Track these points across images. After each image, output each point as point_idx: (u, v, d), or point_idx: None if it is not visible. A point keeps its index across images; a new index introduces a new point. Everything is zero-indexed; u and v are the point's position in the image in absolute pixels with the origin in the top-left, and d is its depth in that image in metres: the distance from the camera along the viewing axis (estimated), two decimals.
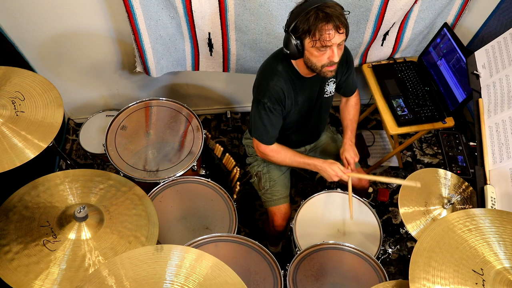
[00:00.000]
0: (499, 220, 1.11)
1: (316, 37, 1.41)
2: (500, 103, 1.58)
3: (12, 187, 1.47)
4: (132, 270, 1.04)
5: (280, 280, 1.51)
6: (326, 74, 1.52)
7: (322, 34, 1.39)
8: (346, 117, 1.94)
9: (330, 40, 1.40)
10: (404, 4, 1.95)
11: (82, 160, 2.60)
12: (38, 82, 1.58)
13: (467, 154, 1.94)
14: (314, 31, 1.40)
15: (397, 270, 2.25)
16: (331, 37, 1.40)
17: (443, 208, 1.58)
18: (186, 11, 1.89)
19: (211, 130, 2.82)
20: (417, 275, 1.00)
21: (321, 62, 1.48)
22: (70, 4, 1.94)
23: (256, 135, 1.73)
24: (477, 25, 2.28)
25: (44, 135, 1.46)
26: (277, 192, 1.90)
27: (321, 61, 1.48)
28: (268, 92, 1.60)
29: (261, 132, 1.70)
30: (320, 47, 1.43)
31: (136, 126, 2.01)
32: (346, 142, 1.85)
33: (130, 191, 1.56)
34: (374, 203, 2.44)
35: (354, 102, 1.95)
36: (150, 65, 2.11)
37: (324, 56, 1.46)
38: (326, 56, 1.46)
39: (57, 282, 1.26)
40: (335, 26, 1.38)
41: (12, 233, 1.34)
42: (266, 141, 1.72)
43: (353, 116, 1.93)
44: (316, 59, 1.48)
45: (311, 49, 1.46)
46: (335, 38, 1.40)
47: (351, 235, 1.73)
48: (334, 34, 1.39)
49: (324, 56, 1.46)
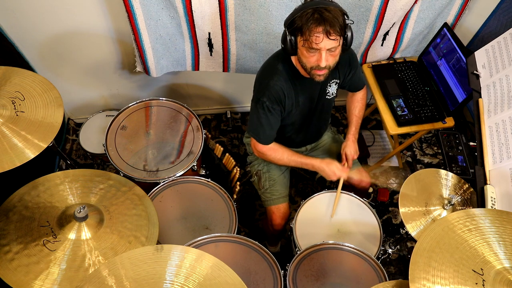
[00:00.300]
0: (499, 220, 1.11)
1: (305, 37, 1.40)
2: (500, 103, 1.58)
3: (12, 187, 1.47)
4: (132, 270, 1.04)
5: (280, 280, 1.51)
6: (315, 77, 1.51)
7: (311, 36, 1.38)
8: (352, 112, 1.95)
9: (317, 44, 1.38)
10: (404, 4, 1.95)
11: (82, 160, 2.60)
12: (38, 82, 1.58)
13: (467, 154, 1.94)
14: (305, 30, 1.39)
15: (397, 270, 2.25)
16: (319, 40, 1.38)
17: (443, 209, 1.58)
18: (186, 11, 1.89)
19: (211, 130, 2.82)
20: (417, 275, 1.00)
21: (310, 64, 1.47)
22: (70, 4, 1.94)
23: (253, 133, 1.73)
24: (477, 25, 2.28)
25: (44, 135, 1.46)
26: (277, 192, 1.90)
27: (310, 63, 1.47)
28: (268, 91, 1.60)
29: (258, 131, 1.70)
30: (309, 48, 1.42)
31: (136, 126, 2.01)
32: (350, 138, 1.86)
33: (130, 191, 1.56)
34: (374, 203, 2.43)
35: (360, 96, 1.95)
36: (150, 65, 2.11)
37: (313, 58, 1.45)
38: (314, 58, 1.44)
39: (57, 282, 1.26)
40: (325, 30, 1.36)
41: (12, 233, 1.34)
42: (263, 141, 1.72)
43: (358, 112, 1.94)
44: (306, 59, 1.47)
45: (301, 48, 1.45)
46: (323, 42, 1.38)
47: (351, 235, 1.73)
48: (322, 38, 1.37)
49: (313, 58, 1.45)
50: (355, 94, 1.96)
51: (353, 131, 1.89)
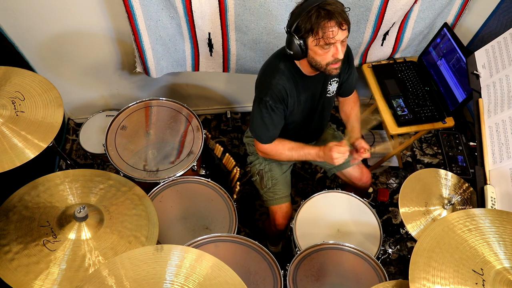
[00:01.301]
0: (499, 220, 1.11)
1: (319, 35, 1.40)
2: (500, 103, 1.58)
3: (12, 187, 1.47)
4: (132, 270, 1.04)
5: (280, 280, 1.51)
6: (331, 72, 1.52)
7: (325, 32, 1.39)
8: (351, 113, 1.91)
9: (333, 37, 1.40)
10: (404, 4, 1.95)
11: (82, 160, 2.60)
12: (38, 82, 1.58)
13: (467, 154, 1.94)
14: (317, 29, 1.39)
15: (397, 270, 2.25)
16: (335, 34, 1.40)
17: (443, 208, 1.58)
18: (186, 11, 1.89)
19: (211, 130, 2.82)
20: (417, 275, 1.00)
21: (325, 60, 1.48)
22: (70, 4, 1.94)
23: (255, 134, 1.71)
24: (477, 25, 2.28)
25: (44, 135, 1.47)
26: (279, 191, 1.90)
27: (325, 59, 1.48)
28: (270, 90, 1.59)
29: (260, 132, 1.69)
30: (324, 45, 1.42)
31: (136, 126, 2.01)
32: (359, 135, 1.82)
33: (130, 191, 1.56)
34: (374, 203, 2.44)
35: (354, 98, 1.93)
36: (150, 65, 2.11)
37: (328, 54, 1.46)
38: (330, 53, 1.46)
39: (57, 282, 1.26)
40: (338, 22, 1.38)
41: (12, 233, 1.34)
42: (264, 141, 1.71)
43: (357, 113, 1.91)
44: (320, 57, 1.48)
45: (314, 48, 1.45)
46: (338, 35, 1.40)
47: (351, 235, 1.73)
48: (337, 31, 1.39)
49: (328, 54, 1.46)
50: (347, 99, 1.93)
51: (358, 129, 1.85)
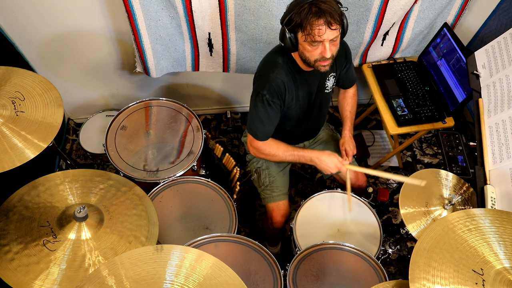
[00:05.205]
0: (499, 220, 1.11)
1: (307, 32, 1.41)
2: (500, 103, 1.58)
3: (12, 187, 1.47)
4: (132, 270, 1.04)
5: (280, 280, 1.51)
6: (320, 69, 1.52)
7: (313, 29, 1.39)
8: (345, 108, 1.95)
9: (320, 36, 1.40)
10: (404, 4, 1.95)
11: (82, 160, 2.60)
12: (38, 82, 1.58)
13: (467, 154, 1.94)
14: (306, 25, 1.40)
15: (397, 270, 2.25)
16: (322, 32, 1.39)
17: (443, 208, 1.58)
18: (186, 11, 1.89)
19: (211, 130, 2.82)
20: (417, 275, 1.00)
21: (313, 57, 1.48)
22: (70, 4, 1.94)
23: (250, 129, 1.70)
24: (477, 25, 2.28)
25: (44, 135, 1.46)
26: (277, 189, 1.89)
27: (313, 56, 1.48)
28: (269, 84, 1.58)
29: (256, 126, 1.67)
30: (311, 42, 1.43)
31: (136, 126, 2.01)
32: (346, 134, 1.86)
33: (130, 191, 1.56)
34: (374, 203, 2.43)
35: (352, 93, 1.96)
36: (150, 65, 2.11)
37: (317, 51, 1.46)
38: (318, 51, 1.46)
39: (57, 282, 1.26)
40: (326, 21, 1.37)
41: (12, 233, 1.34)
42: (259, 137, 1.69)
43: (351, 107, 1.94)
44: (308, 53, 1.48)
45: (304, 43, 1.46)
46: (326, 34, 1.40)
47: (351, 235, 1.73)
48: (325, 29, 1.39)
49: (317, 51, 1.46)
50: (347, 91, 1.96)
51: (349, 126, 1.89)
